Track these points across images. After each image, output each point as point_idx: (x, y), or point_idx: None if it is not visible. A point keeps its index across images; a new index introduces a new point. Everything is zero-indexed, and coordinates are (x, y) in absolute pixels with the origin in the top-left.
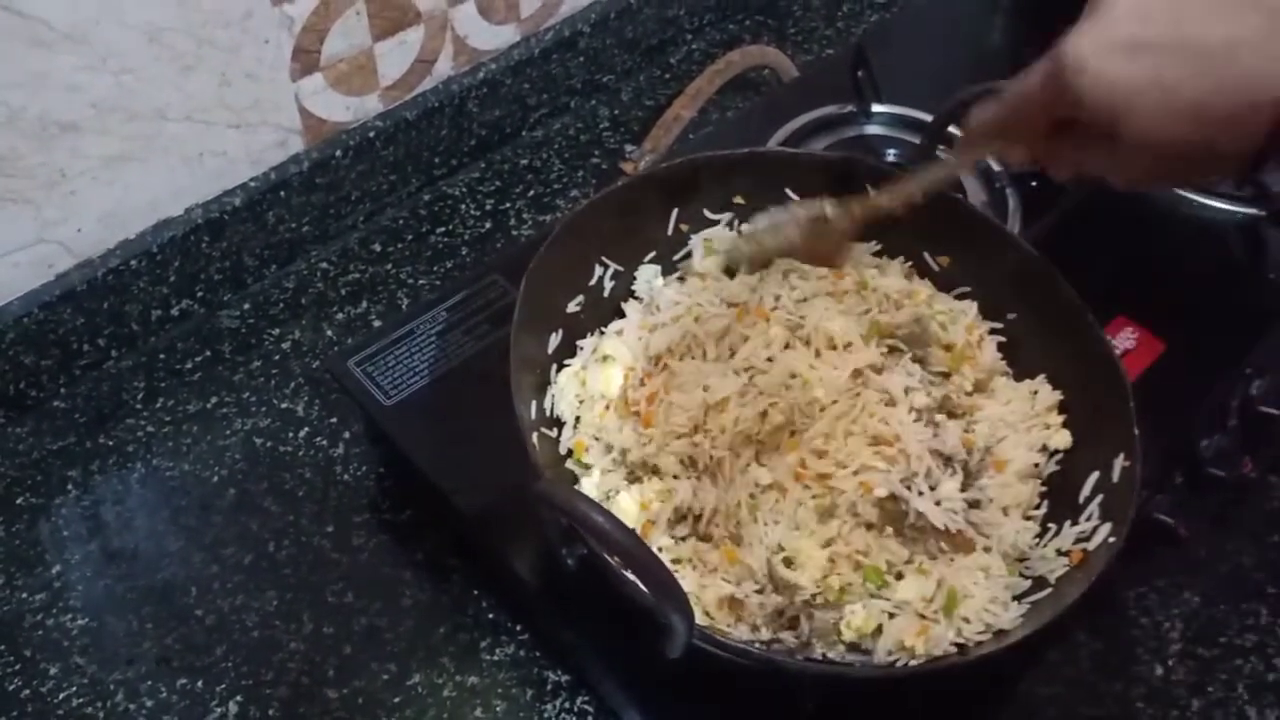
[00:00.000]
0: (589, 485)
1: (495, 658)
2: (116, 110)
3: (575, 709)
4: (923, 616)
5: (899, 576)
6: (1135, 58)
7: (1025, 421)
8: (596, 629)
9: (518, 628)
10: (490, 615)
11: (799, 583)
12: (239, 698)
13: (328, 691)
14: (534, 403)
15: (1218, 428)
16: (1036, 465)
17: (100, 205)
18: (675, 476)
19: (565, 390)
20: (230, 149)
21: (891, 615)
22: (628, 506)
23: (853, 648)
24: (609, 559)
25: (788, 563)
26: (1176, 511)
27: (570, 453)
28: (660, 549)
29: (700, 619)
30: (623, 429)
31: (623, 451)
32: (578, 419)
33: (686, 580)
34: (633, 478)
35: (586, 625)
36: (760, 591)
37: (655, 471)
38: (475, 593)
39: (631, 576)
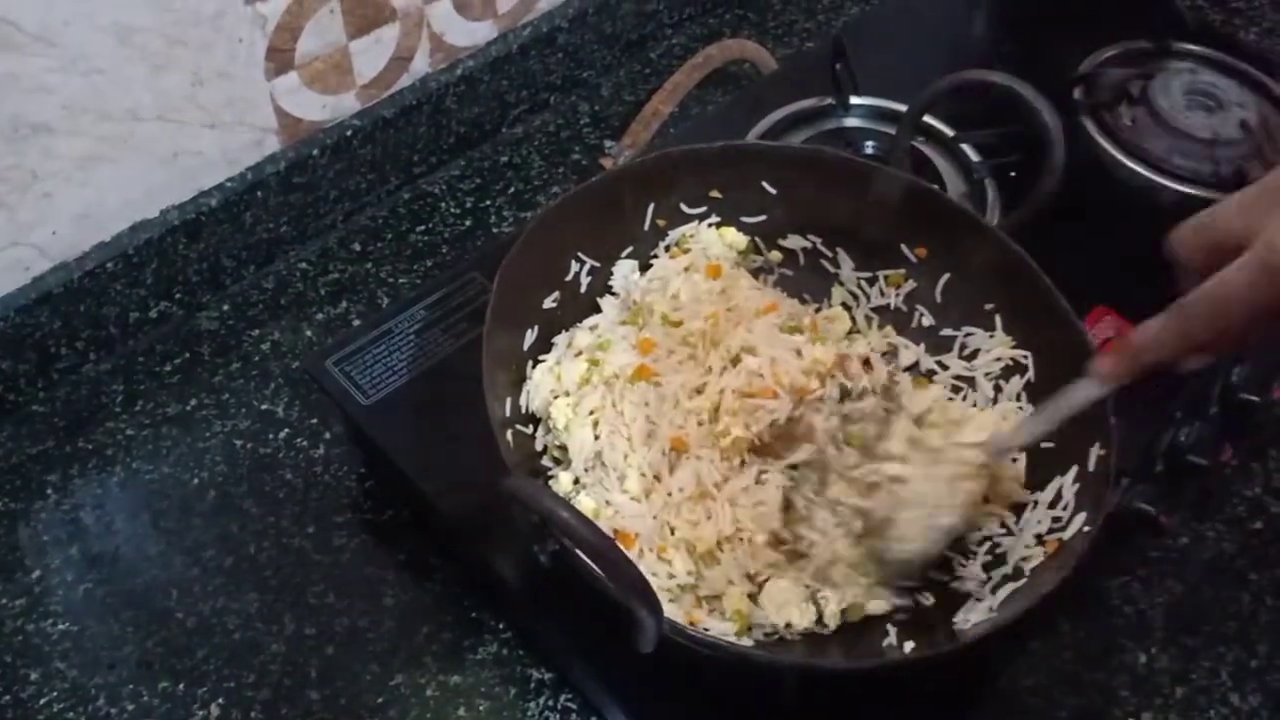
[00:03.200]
0: (565, 481)
1: (478, 657)
2: (88, 111)
3: (558, 707)
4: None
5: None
6: None
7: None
8: (577, 627)
9: (500, 626)
10: (473, 614)
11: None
12: (221, 700)
13: (310, 693)
14: (509, 400)
15: (1198, 415)
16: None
17: (75, 207)
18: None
19: (540, 386)
20: (205, 149)
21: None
22: (588, 506)
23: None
24: (579, 555)
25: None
26: (1157, 500)
27: (545, 449)
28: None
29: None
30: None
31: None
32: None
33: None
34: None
35: (567, 623)
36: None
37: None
38: (457, 592)
39: (600, 572)
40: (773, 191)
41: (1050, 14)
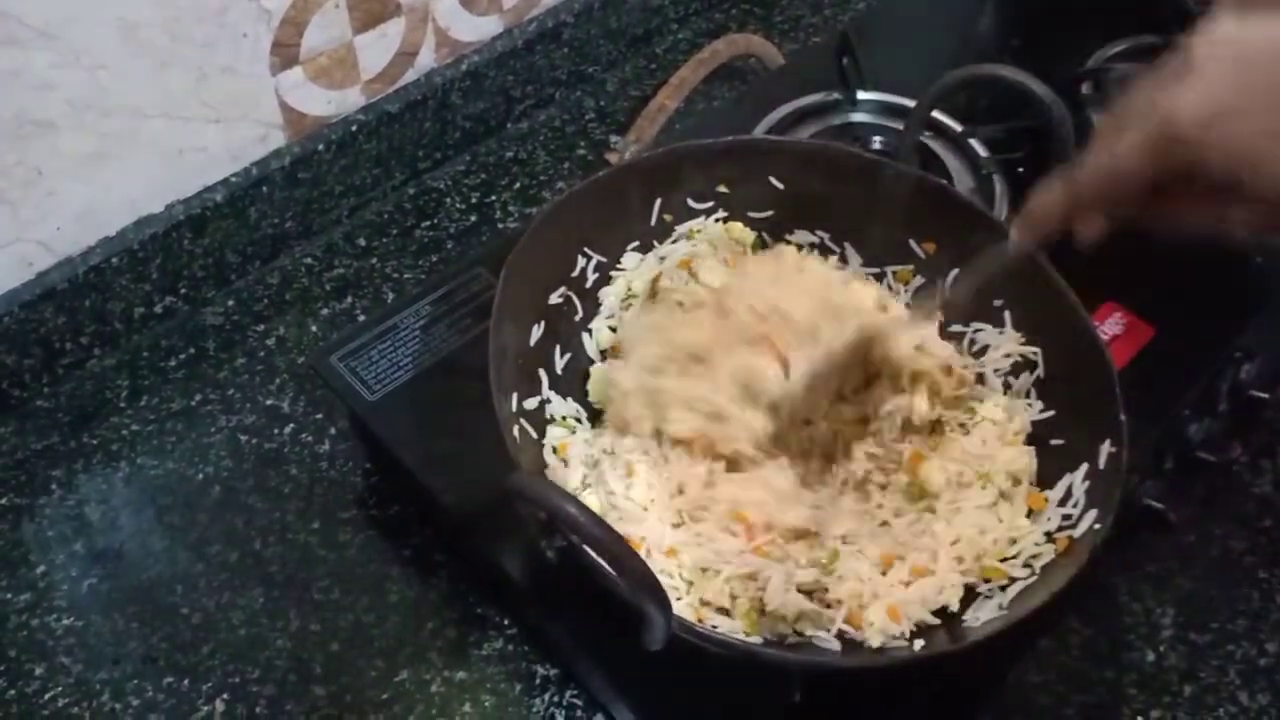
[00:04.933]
0: (574, 479)
1: (483, 652)
2: (92, 107)
3: (564, 703)
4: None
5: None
6: (1251, 116)
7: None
8: (583, 623)
9: (505, 622)
10: (478, 610)
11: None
12: (226, 696)
13: (315, 688)
14: (515, 395)
15: (1207, 412)
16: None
17: (79, 203)
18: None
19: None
20: (210, 145)
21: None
22: (594, 504)
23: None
24: (587, 551)
25: None
26: (1167, 497)
27: (555, 450)
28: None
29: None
30: None
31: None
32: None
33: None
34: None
35: (573, 619)
36: None
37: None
38: (462, 588)
39: (609, 568)
40: (780, 187)
41: (1058, 9)
